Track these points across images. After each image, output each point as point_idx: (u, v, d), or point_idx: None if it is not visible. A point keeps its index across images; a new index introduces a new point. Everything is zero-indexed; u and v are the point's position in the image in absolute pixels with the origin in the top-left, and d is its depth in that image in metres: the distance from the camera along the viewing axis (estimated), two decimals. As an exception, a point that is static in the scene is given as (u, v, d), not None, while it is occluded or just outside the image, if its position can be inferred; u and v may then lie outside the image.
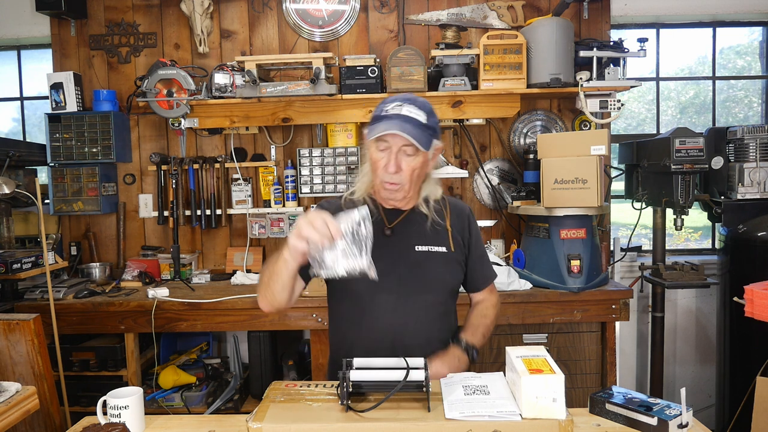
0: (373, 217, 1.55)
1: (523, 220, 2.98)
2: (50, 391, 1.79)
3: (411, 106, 1.46)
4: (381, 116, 1.46)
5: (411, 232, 1.56)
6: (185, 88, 2.85)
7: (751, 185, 2.76)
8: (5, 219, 2.89)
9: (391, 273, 1.51)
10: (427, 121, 1.46)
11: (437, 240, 1.57)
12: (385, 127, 1.42)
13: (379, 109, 1.49)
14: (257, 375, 2.86)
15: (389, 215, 1.58)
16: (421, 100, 1.50)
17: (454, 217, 1.62)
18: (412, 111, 1.45)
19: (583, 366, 2.63)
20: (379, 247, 1.52)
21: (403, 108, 1.45)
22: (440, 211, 1.60)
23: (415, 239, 1.56)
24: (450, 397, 1.25)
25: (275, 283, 1.42)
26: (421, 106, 1.47)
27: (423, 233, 1.56)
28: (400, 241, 1.55)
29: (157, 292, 2.63)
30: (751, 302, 1.85)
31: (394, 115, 1.44)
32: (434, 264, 1.55)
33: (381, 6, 3.13)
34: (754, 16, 3.24)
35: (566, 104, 3.12)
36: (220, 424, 1.35)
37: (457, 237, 1.60)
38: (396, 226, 1.56)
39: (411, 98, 1.49)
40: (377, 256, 1.51)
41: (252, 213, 3.12)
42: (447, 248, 1.57)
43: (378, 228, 1.55)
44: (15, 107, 3.47)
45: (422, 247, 1.55)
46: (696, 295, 3.25)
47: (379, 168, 1.48)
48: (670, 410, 1.26)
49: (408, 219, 1.58)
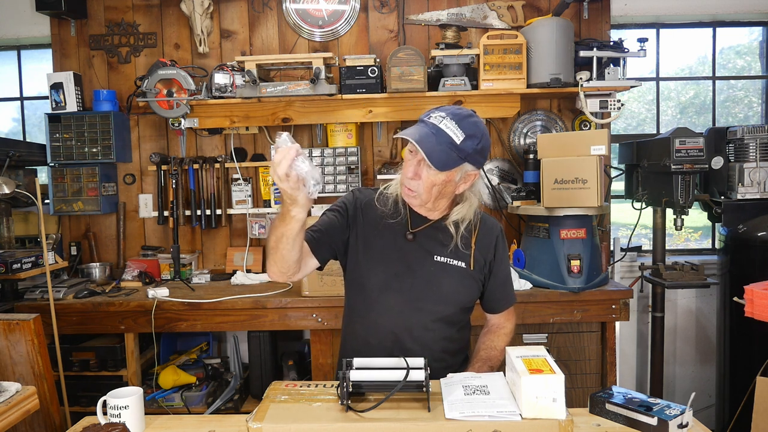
0: (398, 216, 1.55)
1: (523, 220, 2.98)
2: (50, 391, 1.79)
3: (452, 122, 1.39)
4: (421, 119, 1.45)
5: (433, 242, 1.55)
6: (185, 88, 2.85)
7: (751, 185, 2.76)
8: (5, 219, 2.89)
9: (404, 276, 1.52)
10: (461, 142, 1.38)
11: (458, 255, 1.55)
12: (409, 132, 1.40)
13: (426, 113, 1.46)
14: (257, 375, 2.86)
15: (415, 219, 1.56)
16: (472, 121, 1.42)
17: (481, 235, 1.58)
18: (449, 127, 1.39)
19: (583, 366, 2.62)
20: (398, 248, 1.53)
21: (443, 121, 1.40)
22: (469, 227, 1.57)
23: (435, 249, 1.54)
24: (450, 397, 1.25)
25: (284, 244, 1.35)
26: (465, 127, 1.39)
27: (445, 246, 1.54)
28: (420, 248, 1.54)
29: (157, 292, 2.62)
30: (751, 302, 1.84)
31: (430, 124, 1.41)
32: (450, 277, 1.53)
33: (381, 6, 3.13)
34: (754, 16, 3.24)
35: (566, 104, 3.12)
36: (220, 424, 1.35)
37: (479, 257, 1.57)
38: (419, 233, 1.55)
39: (459, 114, 1.41)
40: (396, 258, 1.53)
41: (252, 213, 3.11)
42: (467, 265, 1.55)
43: (401, 230, 1.55)
44: (15, 107, 3.47)
45: (441, 258, 1.53)
46: (696, 295, 3.25)
47: (404, 169, 1.47)
48: (670, 410, 1.26)
49: (433, 228, 1.55)
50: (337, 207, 1.59)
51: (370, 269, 1.54)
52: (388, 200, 1.57)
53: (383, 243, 1.54)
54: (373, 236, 1.55)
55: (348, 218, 1.57)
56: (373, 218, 1.56)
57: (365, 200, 1.60)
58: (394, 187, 1.58)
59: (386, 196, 1.58)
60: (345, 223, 1.57)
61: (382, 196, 1.58)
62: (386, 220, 1.55)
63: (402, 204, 1.56)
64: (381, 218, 1.56)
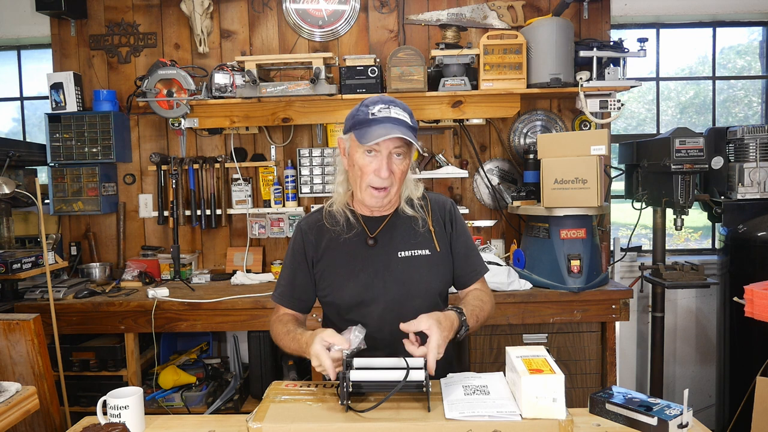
0: (354, 230, 1.54)
1: (523, 220, 2.98)
2: (50, 391, 1.79)
3: (397, 108, 1.44)
4: (369, 120, 1.42)
5: (394, 239, 1.54)
6: (185, 88, 2.85)
7: (751, 185, 2.76)
8: (5, 219, 2.89)
9: (376, 284, 1.50)
10: (411, 122, 1.45)
11: (421, 243, 1.54)
12: (384, 131, 1.38)
13: (362, 113, 1.44)
14: (257, 375, 2.86)
15: (370, 224, 1.55)
16: (401, 102, 1.49)
17: (435, 215, 1.58)
18: (399, 113, 1.43)
19: (583, 366, 2.63)
20: (362, 258, 1.52)
21: (391, 110, 1.43)
22: (423, 209, 1.57)
23: (398, 245, 1.53)
24: (450, 397, 1.25)
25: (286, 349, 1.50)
26: (404, 108, 1.47)
27: (406, 238, 1.54)
28: (383, 249, 1.53)
29: (157, 292, 2.63)
30: (751, 302, 1.84)
31: (385, 119, 1.41)
32: (418, 269, 1.52)
33: (381, 6, 3.13)
34: (754, 16, 3.24)
35: (566, 104, 3.12)
36: (220, 424, 1.35)
37: (442, 235, 1.57)
38: (378, 235, 1.54)
39: (392, 99, 1.47)
40: (361, 268, 1.51)
41: (252, 213, 3.11)
42: (431, 250, 1.54)
43: (360, 239, 1.54)
44: (15, 107, 3.47)
45: (405, 252, 1.52)
46: (696, 295, 3.25)
47: (368, 173, 1.44)
48: (670, 410, 1.26)
49: (390, 224, 1.55)
50: (294, 257, 1.58)
51: (342, 288, 1.52)
52: (336, 217, 1.55)
53: (346, 259, 1.53)
54: (334, 257, 1.54)
55: (307, 259, 1.57)
56: (328, 241, 1.55)
57: (314, 227, 1.58)
58: (339, 202, 1.56)
59: (333, 213, 1.56)
60: (306, 266, 1.57)
61: (330, 216, 1.56)
62: (342, 236, 1.54)
63: (352, 216, 1.55)
64: (336, 237, 1.54)
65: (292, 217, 3.09)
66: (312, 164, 2.99)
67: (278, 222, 3.09)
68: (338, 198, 1.56)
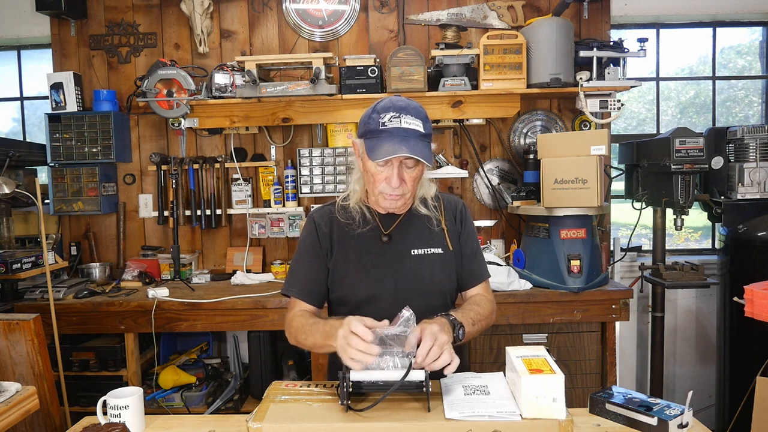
0: (369, 224, 1.54)
1: (523, 220, 2.98)
2: (50, 391, 1.79)
3: (408, 116, 1.39)
4: (380, 130, 1.39)
5: (408, 237, 1.54)
6: (185, 88, 2.85)
7: (751, 185, 2.76)
8: (5, 219, 2.88)
9: (387, 280, 1.50)
10: (425, 129, 1.40)
11: (434, 241, 1.55)
12: (392, 149, 1.35)
13: (373, 121, 1.40)
14: (257, 375, 2.86)
15: (385, 221, 1.55)
16: (415, 106, 1.43)
17: (448, 214, 1.59)
18: (411, 122, 1.39)
19: (583, 366, 2.63)
20: (375, 254, 1.52)
21: (402, 119, 1.38)
22: (436, 209, 1.58)
23: (411, 243, 1.54)
24: (450, 397, 1.25)
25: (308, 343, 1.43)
26: (417, 114, 1.41)
27: (420, 236, 1.54)
28: (397, 246, 1.53)
29: (157, 292, 2.63)
30: (751, 302, 1.84)
31: (394, 129, 1.38)
32: (430, 268, 1.52)
33: (381, 6, 3.13)
34: (754, 16, 3.24)
35: (566, 104, 3.12)
36: (220, 424, 1.35)
37: (453, 233, 1.57)
38: (393, 232, 1.54)
39: (405, 106, 1.41)
40: (374, 264, 1.51)
41: (252, 213, 3.11)
42: (444, 249, 1.55)
43: (374, 235, 1.54)
44: (15, 107, 3.47)
45: (418, 250, 1.53)
46: (696, 295, 3.25)
47: (379, 181, 1.44)
48: (670, 410, 1.26)
49: (405, 222, 1.55)
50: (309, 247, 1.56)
51: (354, 284, 1.52)
52: (350, 212, 1.55)
53: (358, 254, 1.53)
54: (347, 251, 1.53)
55: (321, 249, 1.55)
56: (341, 233, 1.55)
57: (326, 218, 1.57)
58: (356, 199, 1.55)
59: (347, 208, 1.56)
60: (323, 257, 1.55)
61: (342, 210, 1.56)
62: (356, 231, 1.53)
63: (369, 212, 1.55)
64: (350, 230, 1.54)
65: (292, 217, 3.09)
66: (312, 164, 2.99)
67: (278, 222, 3.09)
68: (355, 195, 1.56)
